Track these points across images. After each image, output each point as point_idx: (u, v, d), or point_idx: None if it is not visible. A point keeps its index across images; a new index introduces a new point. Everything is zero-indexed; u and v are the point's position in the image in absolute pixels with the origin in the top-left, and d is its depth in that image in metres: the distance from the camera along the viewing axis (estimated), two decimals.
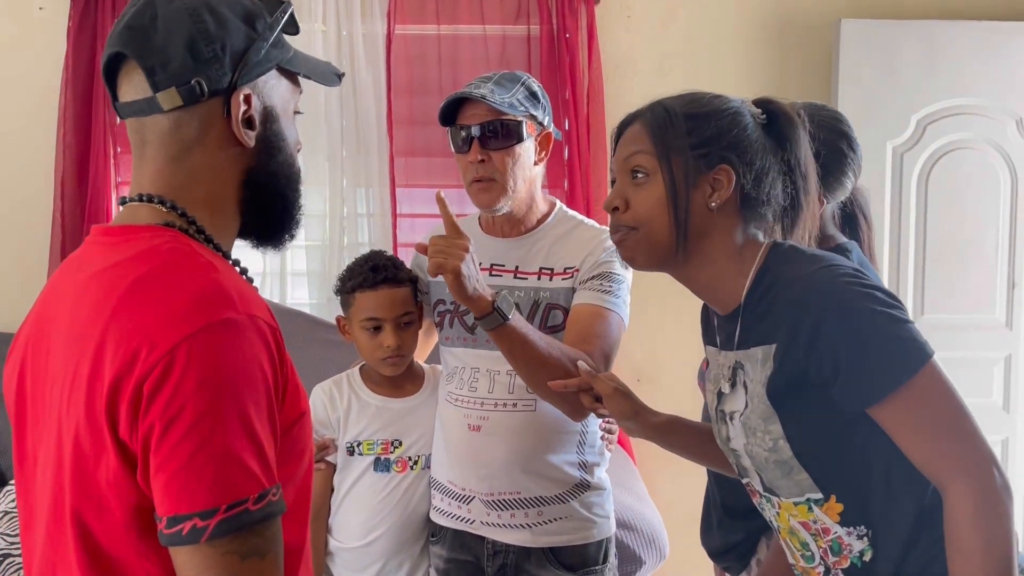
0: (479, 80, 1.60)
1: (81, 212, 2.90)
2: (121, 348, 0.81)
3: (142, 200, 0.93)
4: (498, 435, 1.59)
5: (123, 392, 0.80)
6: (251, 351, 0.83)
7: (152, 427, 0.79)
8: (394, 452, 1.68)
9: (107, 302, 0.85)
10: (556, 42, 2.89)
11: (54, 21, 2.90)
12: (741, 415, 1.16)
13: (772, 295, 1.13)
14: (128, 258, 0.88)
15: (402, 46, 2.94)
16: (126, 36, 0.92)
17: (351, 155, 2.95)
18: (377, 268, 1.66)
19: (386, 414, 1.70)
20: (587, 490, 1.63)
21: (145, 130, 0.93)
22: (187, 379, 0.79)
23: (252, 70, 0.94)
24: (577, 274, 1.59)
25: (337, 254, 2.96)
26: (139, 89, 0.92)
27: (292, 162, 1.00)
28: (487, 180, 1.57)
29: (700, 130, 1.15)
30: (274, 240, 1.03)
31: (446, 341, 1.68)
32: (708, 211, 1.15)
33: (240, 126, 0.93)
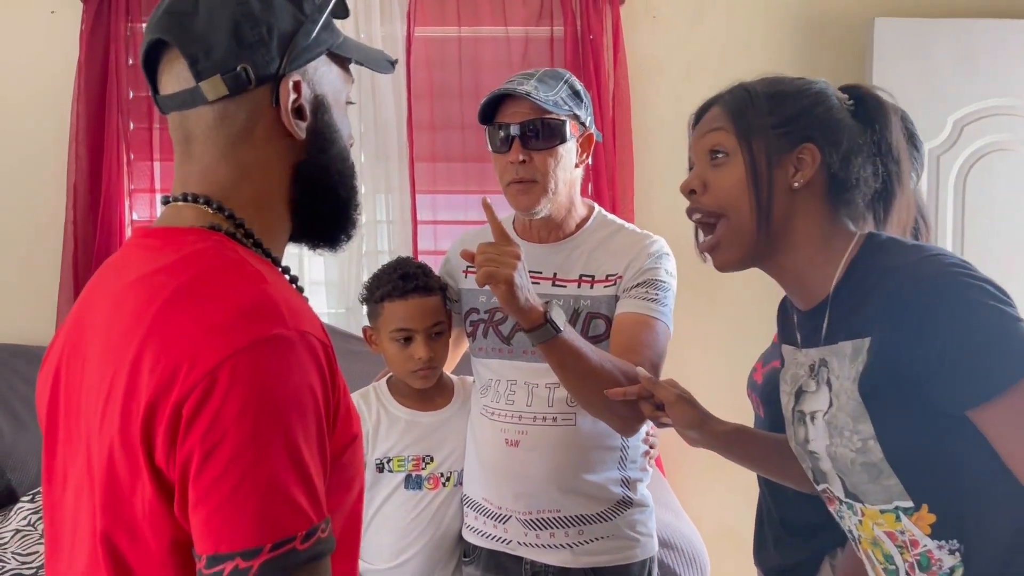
0: (521, 76, 1.52)
1: (94, 220, 2.84)
2: (159, 365, 0.74)
3: (187, 200, 0.86)
4: (537, 451, 1.52)
5: (160, 414, 0.73)
6: (301, 371, 0.75)
7: (191, 455, 0.72)
8: (425, 468, 1.60)
9: (146, 312, 0.77)
10: (580, 43, 2.82)
11: (66, 25, 2.84)
12: (825, 414, 1.08)
13: (867, 286, 1.05)
14: (170, 263, 0.81)
15: (422, 48, 2.87)
16: (166, 22, 0.85)
17: (370, 161, 2.88)
18: (407, 276, 1.58)
19: (416, 428, 1.62)
20: (630, 507, 1.56)
21: (189, 125, 0.86)
22: (230, 402, 0.71)
23: (302, 55, 0.86)
24: (620, 281, 1.52)
25: (356, 262, 2.89)
26: (181, 79, 0.85)
27: (346, 156, 0.93)
28: (527, 182, 1.49)
29: (782, 109, 1.10)
30: (330, 240, 0.95)
31: (479, 352, 1.60)
32: (791, 192, 1.10)
33: (291, 115, 0.86)
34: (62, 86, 2.84)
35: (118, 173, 2.83)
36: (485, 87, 2.87)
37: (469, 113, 2.87)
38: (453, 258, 1.69)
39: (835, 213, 1.12)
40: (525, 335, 1.34)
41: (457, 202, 2.92)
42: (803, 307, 1.15)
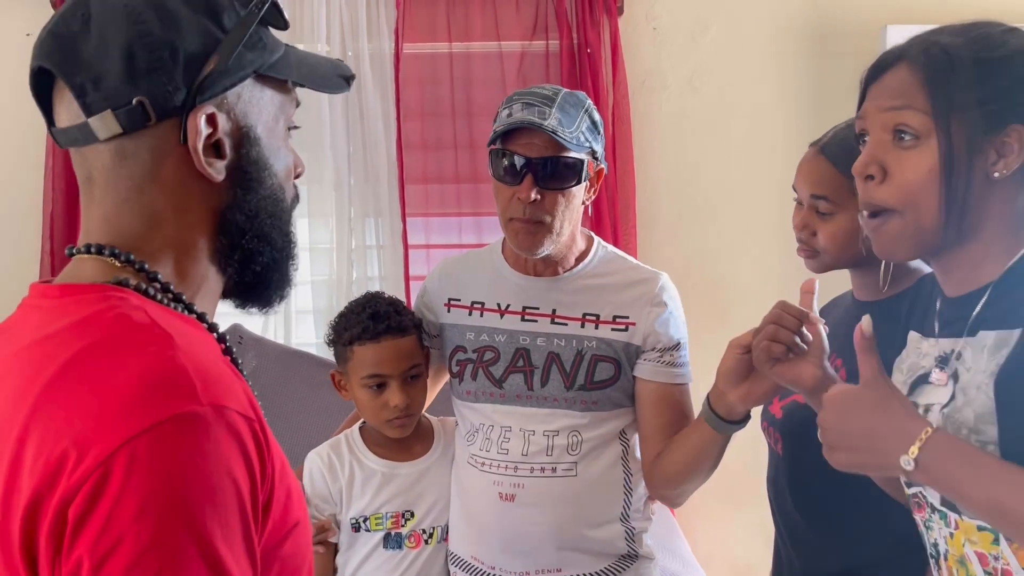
0: (538, 99, 1.34)
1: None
2: (43, 454, 0.61)
3: (90, 252, 0.73)
4: (536, 506, 1.38)
5: (43, 516, 0.60)
6: (216, 455, 0.62)
7: (79, 567, 0.59)
8: (406, 525, 1.46)
9: (31, 388, 0.65)
10: (578, 58, 2.69)
11: None
12: (944, 407, 0.92)
13: None
14: (63, 328, 0.68)
15: (412, 66, 2.75)
16: (49, 45, 0.72)
17: (359, 183, 2.76)
18: (377, 316, 1.44)
19: (395, 481, 1.47)
20: (635, 561, 1.44)
21: (88, 164, 0.74)
22: (126, 499, 0.59)
23: (217, 81, 0.72)
24: (633, 328, 1.40)
25: (345, 289, 2.76)
26: (72, 113, 0.72)
27: (279, 196, 0.79)
28: (535, 223, 1.35)
29: (993, 79, 0.89)
30: (261, 299, 0.82)
31: (466, 395, 1.46)
32: (988, 183, 0.90)
33: (201, 155, 0.72)
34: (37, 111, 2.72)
35: None
36: (478, 105, 2.76)
37: (462, 132, 2.76)
38: (433, 288, 1.55)
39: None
40: (714, 417, 1.26)
41: (450, 225, 2.80)
42: (953, 292, 0.97)
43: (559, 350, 1.40)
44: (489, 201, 2.77)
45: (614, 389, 1.40)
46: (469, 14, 2.73)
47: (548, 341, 1.41)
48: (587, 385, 1.39)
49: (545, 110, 1.32)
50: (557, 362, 1.40)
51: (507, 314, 1.44)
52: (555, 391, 1.40)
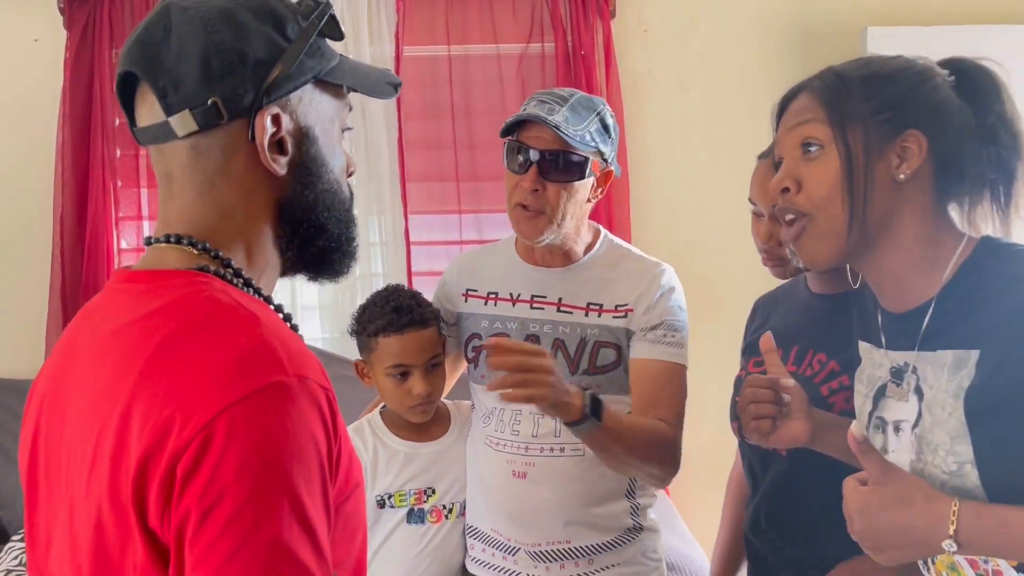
0: (553, 99, 1.44)
1: (81, 250, 2.79)
2: (151, 419, 0.69)
3: (169, 241, 0.81)
4: (546, 482, 1.47)
5: (153, 473, 0.68)
6: (302, 420, 0.70)
7: (187, 516, 0.67)
8: (428, 501, 1.55)
9: (134, 362, 0.72)
10: (572, 60, 2.79)
11: (50, 53, 2.80)
12: (915, 427, 0.99)
13: (985, 295, 0.96)
14: (157, 309, 0.76)
15: (412, 68, 2.84)
16: (135, 53, 0.80)
17: (362, 182, 2.84)
18: (400, 309, 1.52)
19: (416, 461, 1.56)
20: (640, 533, 1.53)
21: (167, 160, 0.82)
22: (228, 458, 0.67)
23: (281, 85, 0.80)
24: (631, 314, 1.48)
25: (350, 286, 2.84)
26: (153, 112, 0.80)
27: (335, 189, 0.86)
28: (535, 211, 1.44)
29: (881, 92, 1.00)
30: (328, 273, 0.90)
31: (482, 379, 1.55)
32: (896, 186, 0.99)
33: (266, 151, 0.80)
34: (47, 115, 2.80)
35: (105, 202, 2.78)
36: (476, 105, 2.85)
37: (461, 132, 2.85)
38: (451, 280, 1.64)
39: (941, 207, 1.01)
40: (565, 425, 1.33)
41: (451, 222, 2.88)
42: (896, 309, 1.05)
43: (564, 336, 1.49)
44: (489, 198, 2.89)
45: (617, 374, 1.48)
46: (467, 17, 2.82)
47: (554, 328, 1.49)
48: (590, 370, 1.47)
49: (556, 107, 1.41)
50: (562, 348, 1.48)
51: (518, 303, 1.53)
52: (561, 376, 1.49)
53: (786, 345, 1.36)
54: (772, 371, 1.18)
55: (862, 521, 0.98)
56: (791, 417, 1.15)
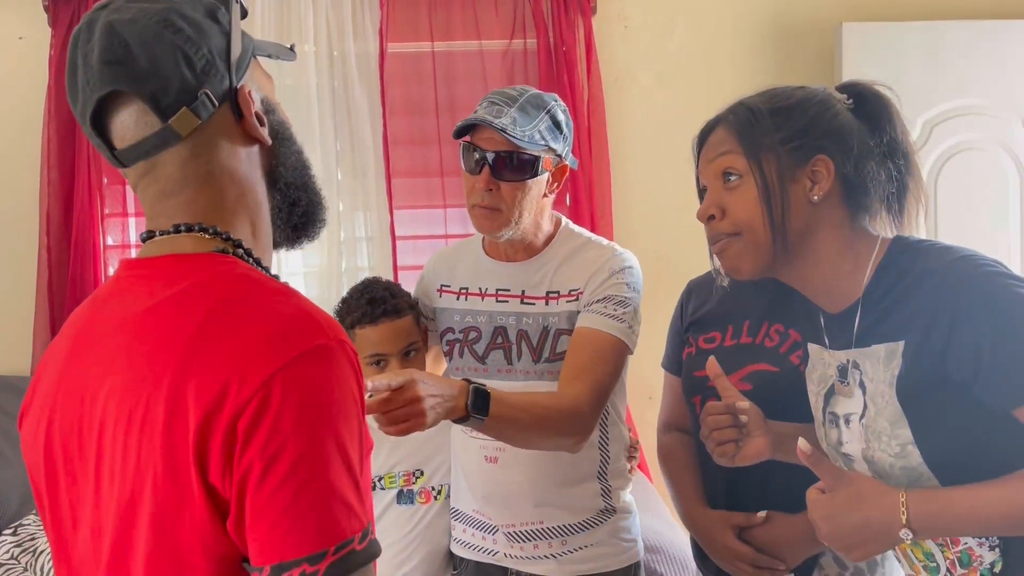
0: (503, 99, 1.48)
1: (68, 246, 2.81)
2: (207, 384, 0.74)
3: (180, 231, 0.85)
4: (516, 467, 1.51)
5: (214, 432, 0.73)
6: (344, 379, 0.77)
7: (250, 468, 0.73)
8: (416, 483, 1.60)
9: (178, 335, 0.77)
10: (554, 56, 2.84)
11: (35, 51, 2.82)
12: (861, 418, 1.08)
13: (899, 290, 1.06)
14: (190, 287, 0.80)
15: (396, 65, 2.88)
16: (111, 72, 0.80)
17: (347, 178, 2.87)
18: (375, 301, 1.55)
19: (405, 444, 1.60)
20: (612, 515, 1.56)
21: (159, 168, 0.84)
22: (286, 413, 0.73)
23: (240, 64, 0.87)
24: (582, 297, 1.51)
25: (336, 280, 2.87)
26: (144, 125, 0.82)
27: (301, 148, 0.95)
28: (492, 209, 1.48)
29: (789, 123, 1.11)
30: (308, 231, 0.96)
31: (456, 372, 1.60)
32: (810, 206, 1.10)
33: (256, 125, 0.87)
34: (32, 112, 2.81)
35: (91, 198, 2.80)
36: (460, 101, 2.88)
37: (445, 128, 2.88)
38: (428, 275, 1.69)
39: (855, 219, 1.12)
40: None
41: (436, 217, 2.92)
42: (832, 310, 1.15)
43: (527, 327, 1.52)
44: None
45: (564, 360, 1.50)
46: (450, 15, 2.87)
47: (518, 320, 1.53)
48: (551, 357, 1.51)
49: (504, 109, 1.45)
50: (526, 339, 1.53)
51: (486, 297, 1.58)
52: (526, 365, 1.52)
53: (736, 321, 1.43)
54: (725, 395, 1.24)
55: (827, 526, 1.07)
56: (751, 435, 1.22)
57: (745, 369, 1.40)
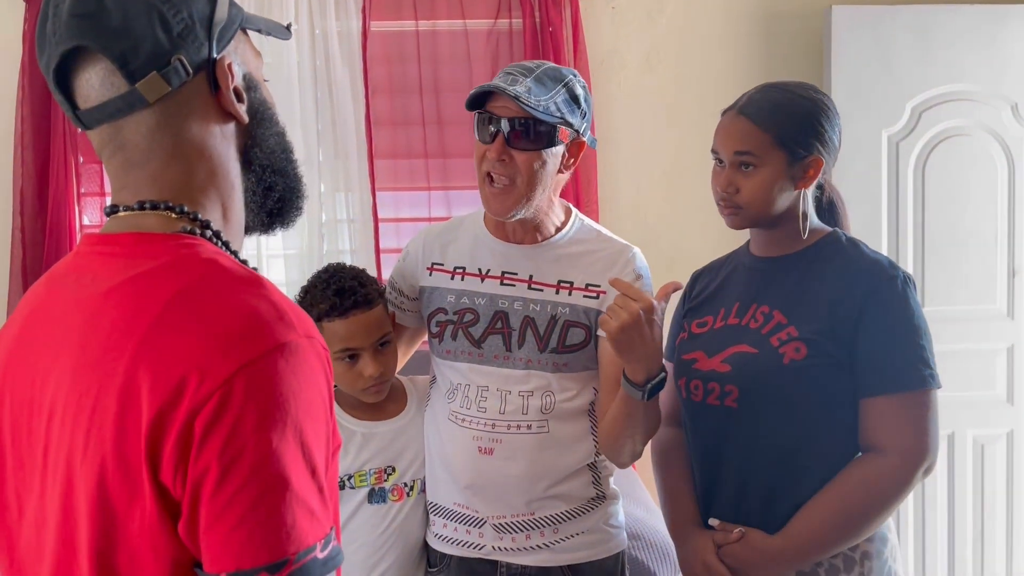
0: (519, 70, 1.43)
1: (42, 226, 2.75)
2: (163, 376, 0.69)
3: (144, 207, 0.80)
4: (512, 459, 1.48)
5: (168, 429, 0.69)
6: (312, 378, 0.73)
7: (207, 470, 0.68)
8: (388, 480, 1.54)
9: (137, 321, 0.72)
10: (540, 36, 2.79)
11: (8, 25, 2.75)
12: None
13: None
14: (153, 270, 0.75)
15: (379, 43, 2.82)
16: (78, 26, 0.76)
17: (328, 159, 2.82)
18: (343, 292, 1.46)
19: (374, 440, 1.55)
20: (602, 501, 1.55)
21: (124, 133, 0.79)
22: (247, 414, 0.68)
23: (224, 34, 0.81)
24: (604, 297, 1.49)
25: (317, 262, 2.82)
26: (109, 86, 0.77)
27: (284, 131, 0.89)
28: (505, 185, 1.43)
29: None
30: (284, 220, 0.92)
31: (446, 355, 1.55)
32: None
33: (233, 99, 0.82)
34: (5, 88, 2.74)
35: (66, 177, 2.74)
36: (445, 81, 2.84)
37: (429, 108, 2.84)
38: (415, 253, 1.62)
39: None
40: (629, 386, 1.35)
41: (419, 199, 2.88)
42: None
43: (534, 314, 1.49)
44: (457, 175, 2.89)
45: (584, 353, 1.50)
46: None
47: (524, 305, 1.49)
48: (559, 348, 1.48)
49: (519, 79, 1.40)
50: (532, 326, 1.49)
51: (487, 278, 1.52)
52: (529, 353, 1.49)
53: (728, 304, 1.47)
54: None
55: None
56: None
57: (728, 351, 1.43)
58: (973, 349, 2.78)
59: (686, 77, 2.89)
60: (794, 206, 1.42)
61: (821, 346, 1.34)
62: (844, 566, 1.35)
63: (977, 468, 2.82)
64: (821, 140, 1.39)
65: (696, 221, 2.83)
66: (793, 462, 1.37)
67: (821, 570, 1.36)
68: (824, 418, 1.35)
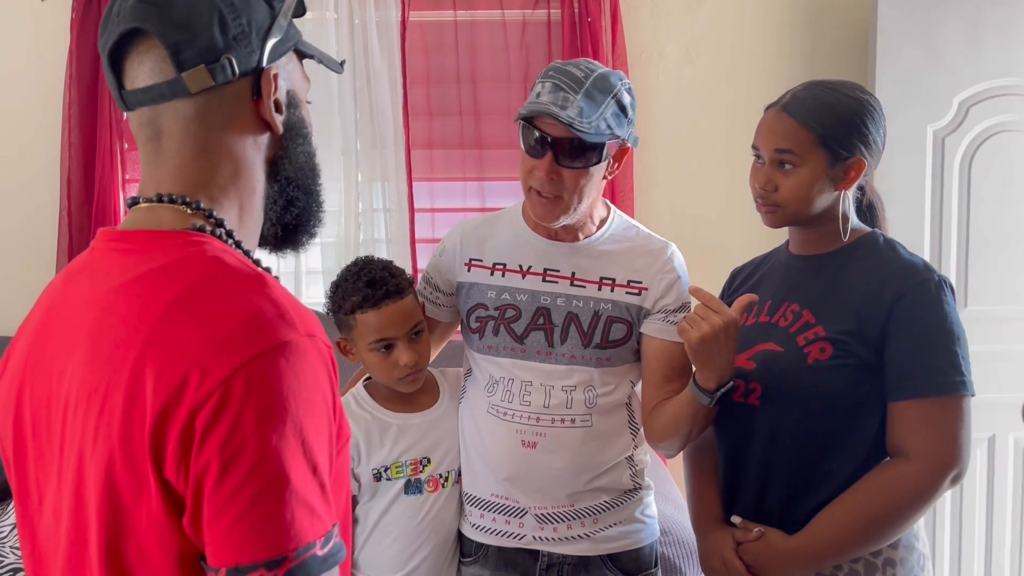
0: (568, 82, 1.38)
1: (88, 211, 2.82)
2: (166, 374, 0.71)
3: (162, 201, 0.82)
4: (556, 452, 1.50)
5: (171, 426, 0.71)
6: (313, 376, 0.74)
7: (207, 467, 0.70)
8: (424, 471, 1.56)
9: (144, 319, 0.74)
10: (578, 27, 2.77)
11: (56, 14, 2.80)
12: None
13: None
14: (161, 267, 0.78)
15: (417, 33, 2.83)
16: (142, 10, 0.81)
17: (366, 148, 2.84)
18: (374, 283, 1.48)
19: (409, 432, 1.57)
20: (639, 492, 1.58)
21: (162, 120, 0.83)
22: (248, 411, 0.70)
23: (277, 48, 0.85)
24: (646, 293, 1.51)
25: (353, 251, 2.86)
26: (158, 71, 0.81)
27: (315, 153, 0.92)
28: (553, 197, 1.43)
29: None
30: (296, 241, 0.94)
31: (488, 350, 1.55)
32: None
33: (271, 109, 0.85)
34: (53, 76, 2.80)
35: (112, 163, 2.80)
36: (482, 72, 2.84)
37: (466, 99, 2.84)
38: (452, 248, 1.62)
39: None
40: (699, 391, 1.37)
41: (455, 190, 2.89)
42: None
43: (577, 310, 1.50)
44: (493, 166, 2.89)
45: (625, 348, 1.52)
46: None
47: (567, 302, 1.50)
48: (602, 344, 1.50)
49: (569, 96, 1.36)
50: (576, 322, 1.50)
51: (528, 275, 1.53)
52: (573, 348, 1.50)
53: (762, 301, 1.47)
54: None
55: None
56: None
57: (755, 348, 1.43)
58: (1018, 350, 2.72)
59: (726, 70, 2.85)
60: (833, 206, 1.40)
61: (847, 347, 1.32)
62: (865, 571, 1.33)
63: (1018, 472, 2.76)
64: (864, 141, 1.36)
65: (734, 216, 2.80)
66: (815, 463, 1.36)
67: (841, 574, 1.34)
68: (849, 420, 1.33)
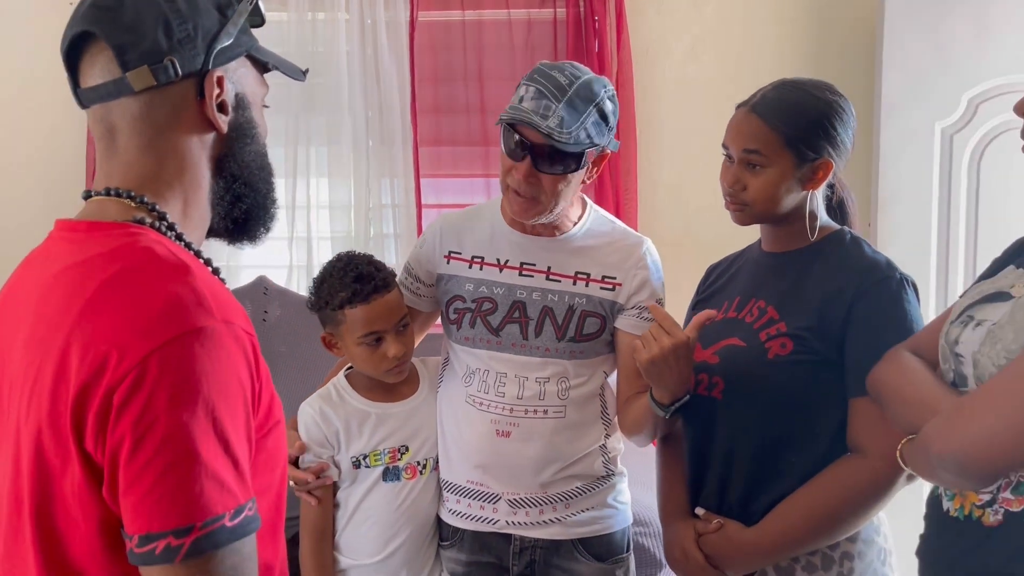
0: (551, 89, 1.40)
1: None
2: (89, 354, 0.78)
3: (109, 194, 0.90)
4: (529, 441, 1.55)
5: (91, 401, 0.77)
6: (228, 360, 0.80)
7: (122, 440, 0.76)
8: (402, 459, 1.61)
9: (73, 302, 0.82)
10: (584, 26, 2.80)
11: None
12: (994, 323, 1.09)
13: None
14: (96, 255, 0.85)
15: (426, 33, 2.88)
16: (92, 14, 0.88)
17: (375, 145, 2.91)
18: (362, 278, 1.52)
19: (389, 421, 1.62)
20: (612, 478, 1.62)
21: (112, 117, 0.90)
22: (160, 391, 0.76)
23: (224, 53, 0.92)
24: (620, 288, 1.55)
25: (363, 245, 2.93)
26: (106, 71, 0.88)
27: (264, 152, 0.98)
28: (530, 198, 1.47)
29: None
30: (249, 234, 1.00)
31: (465, 341, 1.60)
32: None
33: (214, 107, 0.91)
34: None
35: None
36: (488, 70, 2.88)
37: (473, 97, 2.89)
38: (432, 240, 1.66)
39: None
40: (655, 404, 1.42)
41: (461, 186, 2.95)
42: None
43: (552, 304, 1.54)
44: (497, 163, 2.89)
45: (599, 341, 1.56)
46: None
47: (543, 296, 1.54)
48: (576, 337, 1.54)
49: (551, 105, 1.39)
50: (551, 315, 1.54)
51: (505, 268, 1.57)
52: (547, 341, 1.54)
53: (731, 297, 1.50)
54: None
55: None
56: None
57: (720, 343, 1.46)
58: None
59: (732, 67, 2.86)
60: (801, 205, 1.41)
61: (808, 343, 1.34)
62: (822, 564, 1.36)
63: None
64: (832, 143, 1.37)
65: None
66: (775, 457, 1.38)
67: (798, 566, 1.37)
68: (808, 415, 1.36)
